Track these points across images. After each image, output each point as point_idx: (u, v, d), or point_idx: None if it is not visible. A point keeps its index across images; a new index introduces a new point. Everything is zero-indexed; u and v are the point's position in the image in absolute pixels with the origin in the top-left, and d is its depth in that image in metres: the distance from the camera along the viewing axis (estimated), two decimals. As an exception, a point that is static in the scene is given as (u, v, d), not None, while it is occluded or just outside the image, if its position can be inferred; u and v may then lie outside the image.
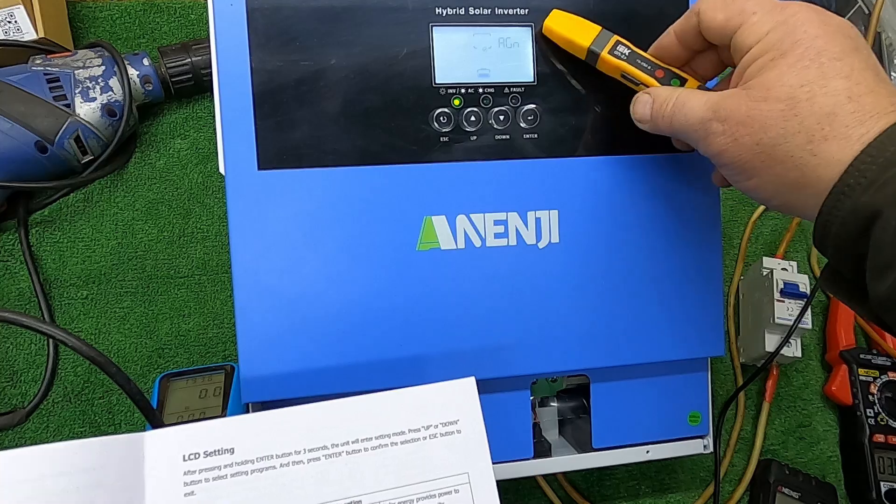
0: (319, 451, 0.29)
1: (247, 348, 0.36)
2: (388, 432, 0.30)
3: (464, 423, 0.30)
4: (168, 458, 0.28)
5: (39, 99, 0.46)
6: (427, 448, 0.30)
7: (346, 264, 0.37)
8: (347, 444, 0.29)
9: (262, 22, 0.36)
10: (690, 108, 0.33)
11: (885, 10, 0.51)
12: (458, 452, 0.30)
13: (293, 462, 0.28)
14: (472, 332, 0.38)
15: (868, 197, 0.27)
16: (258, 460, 0.28)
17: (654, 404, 0.43)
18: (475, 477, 0.29)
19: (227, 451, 0.28)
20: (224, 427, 0.29)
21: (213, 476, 0.28)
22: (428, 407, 0.30)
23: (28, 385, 0.48)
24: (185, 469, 0.28)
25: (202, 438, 0.28)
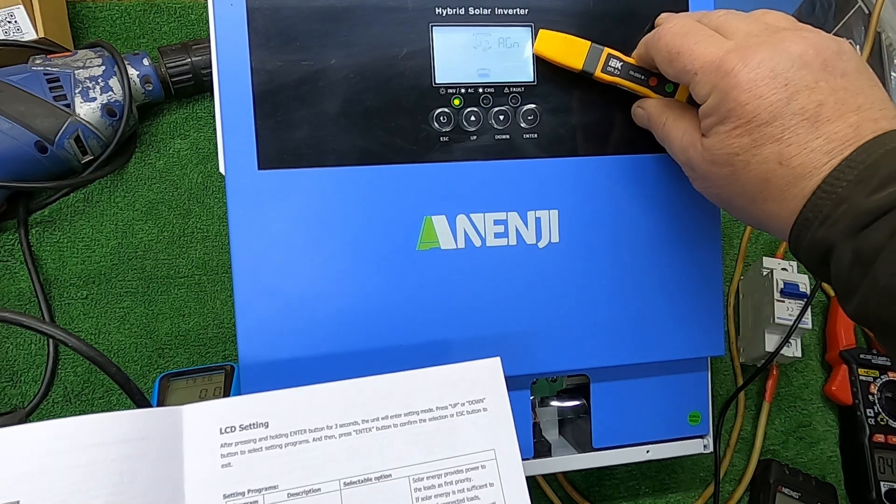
0: (350, 426, 0.30)
1: (247, 348, 0.36)
2: (416, 409, 0.31)
3: (490, 402, 0.31)
4: (205, 431, 0.29)
5: (39, 99, 0.46)
6: (454, 425, 0.31)
7: (346, 264, 0.37)
8: (377, 420, 0.30)
9: (262, 22, 0.36)
10: (672, 142, 0.36)
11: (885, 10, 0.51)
12: (484, 429, 0.31)
13: (325, 437, 0.29)
14: (472, 331, 0.38)
15: (822, 232, 0.29)
16: (292, 434, 0.29)
17: (654, 404, 0.43)
18: (501, 453, 0.30)
19: (262, 425, 0.29)
20: (259, 402, 0.30)
21: (248, 448, 0.29)
22: (455, 385, 0.31)
23: (28, 385, 0.48)
24: (221, 441, 0.29)
25: (238, 412, 0.29)
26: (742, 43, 0.31)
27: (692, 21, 0.34)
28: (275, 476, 0.28)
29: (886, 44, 0.52)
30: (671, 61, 0.33)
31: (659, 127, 0.37)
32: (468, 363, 0.32)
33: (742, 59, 0.30)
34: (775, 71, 0.29)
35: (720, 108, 0.31)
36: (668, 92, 0.38)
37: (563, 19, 0.39)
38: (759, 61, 0.30)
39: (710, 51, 0.31)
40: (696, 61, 0.32)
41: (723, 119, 0.31)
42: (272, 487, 0.28)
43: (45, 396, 0.47)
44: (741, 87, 0.30)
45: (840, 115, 0.29)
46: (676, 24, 0.34)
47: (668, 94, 0.38)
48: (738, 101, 0.30)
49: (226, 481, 0.28)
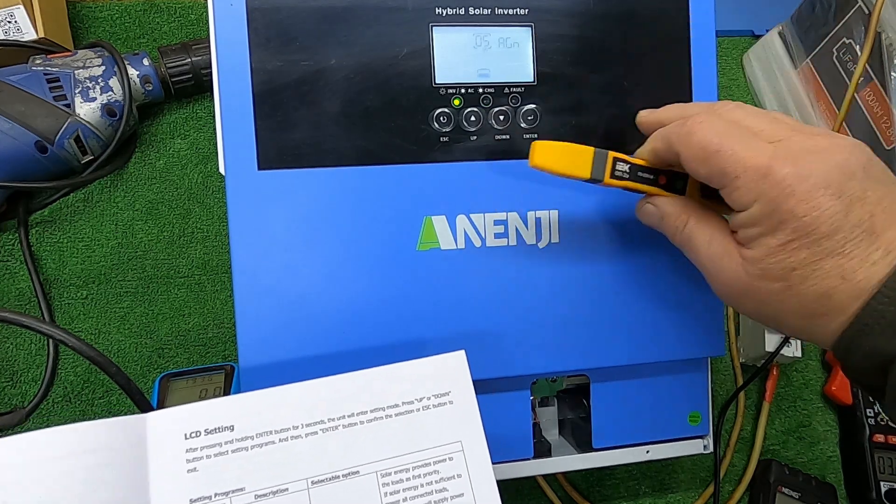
0: (317, 425, 0.30)
1: (247, 348, 0.36)
2: (382, 405, 0.31)
3: (455, 395, 0.31)
4: (170, 437, 0.29)
5: (39, 99, 0.46)
6: (421, 419, 0.31)
7: (346, 264, 0.37)
8: (343, 417, 0.30)
9: (262, 22, 0.36)
10: (696, 248, 0.33)
11: (885, 10, 0.51)
12: (450, 422, 0.31)
13: (291, 437, 0.30)
14: (472, 332, 0.38)
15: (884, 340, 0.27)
16: (258, 436, 0.29)
17: (654, 404, 0.43)
18: (468, 445, 0.31)
19: (228, 429, 0.29)
20: (223, 405, 0.30)
21: (214, 452, 0.29)
22: (420, 380, 0.32)
23: (28, 385, 0.48)
24: (187, 447, 0.29)
25: (203, 417, 0.29)
26: (784, 149, 0.29)
27: (723, 118, 0.31)
28: (242, 478, 0.29)
29: (886, 44, 0.52)
30: (706, 160, 0.30)
31: (677, 229, 0.34)
32: (433, 357, 0.32)
33: (794, 168, 0.28)
34: (828, 181, 0.28)
35: (770, 219, 0.28)
36: (677, 189, 0.35)
37: (563, 19, 0.39)
38: (811, 171, 0.28)
39: (753, 154, 0.29)
40: (738, 164, 0.29)
41: (773, 230, 0.28)
42: (239, 490, 0.28)
43: (45, 396, 0.47)
44: (797, 198, 0.28)
45: (891, 222, 0.28)
46: (708, 120, 0.31)
47: (678, 192, 0.35)
48: (795, 213, 0.28)
49: (192, 486, 0.28)
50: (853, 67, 0.55)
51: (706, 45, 0.41)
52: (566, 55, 0.39)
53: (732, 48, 0.66)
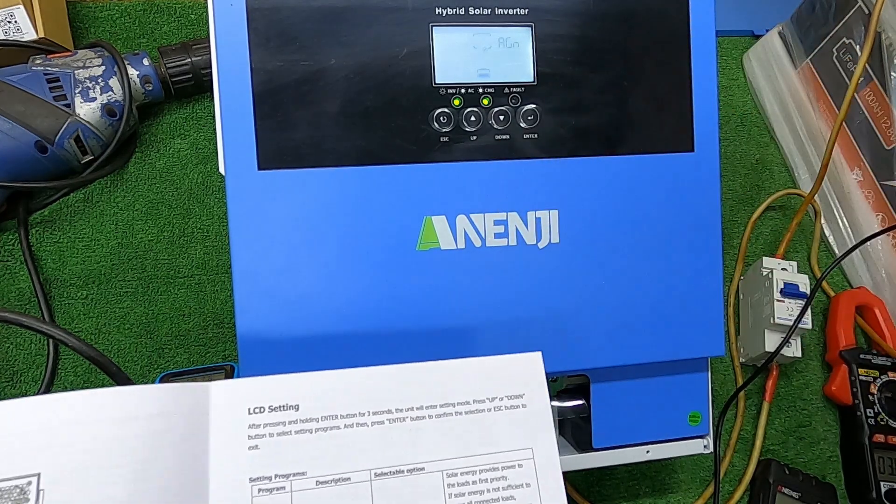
0: (384, 414, 0.29)
1: (247, 348, 0.36)
2: (452, 401, 0.29)
3: (529, 398, 0.30)
4: (233, 410, 0.28)
5: (39, 99, 0.46)
6: (491, 420, 0.29)
7: (346, 264, 0.37)
8: (412, 409, 0.29)
9: (262, 22, 0.36)
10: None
11: (885, 10, 0.51)
12: (522, 427, 0.29)
13: (357, 423, 0.28)
14: (472, 331, 0.38)
15: None
16: (323, 419, 0.28)
17: (654, 404, 0.43)
18: (539, 453, 0.29)
19: (293, 408, 0.28)
20: (291, 383, 0.29)
21: (277, 431, 0.28)
22: (493, 378, 0.30)
23: (28, 385, 0.48)
24: (250, 422, 0.28)
25: (268, 393, 0.28)
26: None
27: None
28: (303, 462, 0.27)
29: (886, 44, 0.52)
30: None
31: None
32: (508, 356, 0.30)
33: None
34: None
35: None
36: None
37: (563, 19, 0.39)
38: None
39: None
40: None
41: None
42: (300, 474, 0.27)
43: (45, 396, 0.47)
44: None
45: None
46: None
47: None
48: None
49: (252, 464, 0.27)
50: (853, 67, 0.55)
51: (706, 45, 0.41)
52: (566, 55, 0.39)
53: (732, 48, 0.66)
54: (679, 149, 0.41)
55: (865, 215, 0.57)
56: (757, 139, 0.64)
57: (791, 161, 0.62)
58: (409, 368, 0.30)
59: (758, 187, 0.62)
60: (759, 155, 0.63)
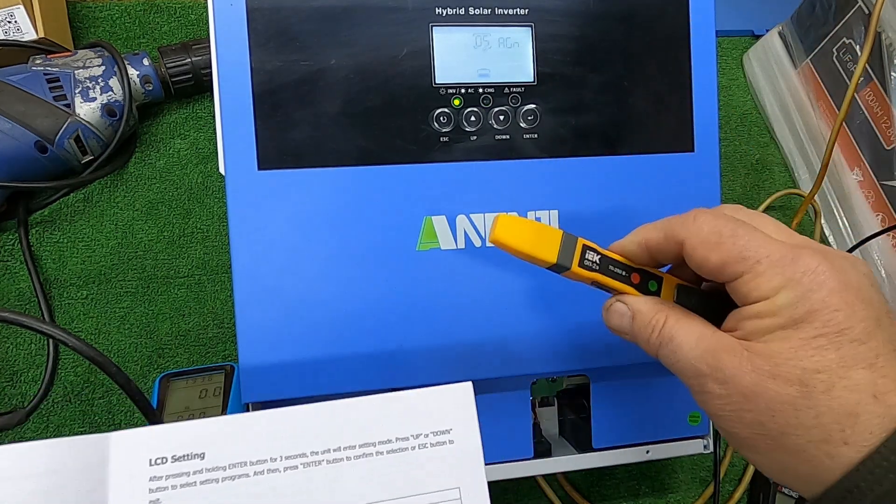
0: (297, 458, 0.27)
1: (247, 348, 0.36)
2: (373, 440, 0.27)
3: (457, 433, 0.28)
4: (133, 462, 0.26)
5: (39, 99, 0.46)
6: (416, 458, 0.27)
7: (346, 264, 0.37)
8: (329, 451, 0.27)
9: (262, 22, 0.36)
10: (680, 346, 0.27)
11: (885, 10, 0.51)
12: (449, 464, 0.27)
13: (269, 470, 0.27)
14: (472, 332, 0.38)
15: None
16: (230, 467, 0.26)
17: (654, 404, 0.43)
18: (467, 492, 0.27)
19: (198, 456, 0.26)
20: (195, 430, 0.27)
21: (180, 483, 0.26)
22: (418, 413, 0.28)
23: (28, 385, 0.48)
24: (151, 474, 0.26)
25: (171, 441, 0.26)
26: (807, 243, 0.26)
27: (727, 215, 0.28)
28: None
29: (886, 44, 0.52)
30: (718, 245, 0.26)
31: (653, 329, 0.29)
32: (434, 388, 0.28)
33: (825, 259, 0.25)
34: (859, 284, 0.25)
35: (796, 309, 0.24)
36: (650, 291, 0.31)
37: (563, 19, 0.39)
38: (842, 266, 0.25)
39: (775, 241, 0.26)
40: (760, 248, 0.25)
41: (797, 322, 0.24)
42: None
43: (45, 396, 0.47)
44: (831, 290, 0.24)
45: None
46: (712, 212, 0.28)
47: (651, 293, 0.31)
48: (828, 305, 0.24)
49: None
50: (853, 67, 0.55)
51: (706, 45, 0.41)
52: (566, 55, 0.39)
53: (732, 48, 0.66)
54: (679, 149, 0.41)
55: (865, 215, 0.57)
56: (757, 139, 0.64)
57: (791, 161, 0.62)
58: (325, 407, 0.28)
59: (758, 187, 0.62)
60: (759, 155, 0.63)
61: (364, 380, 0.37)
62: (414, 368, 0.38)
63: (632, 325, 0.30)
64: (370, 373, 0.37)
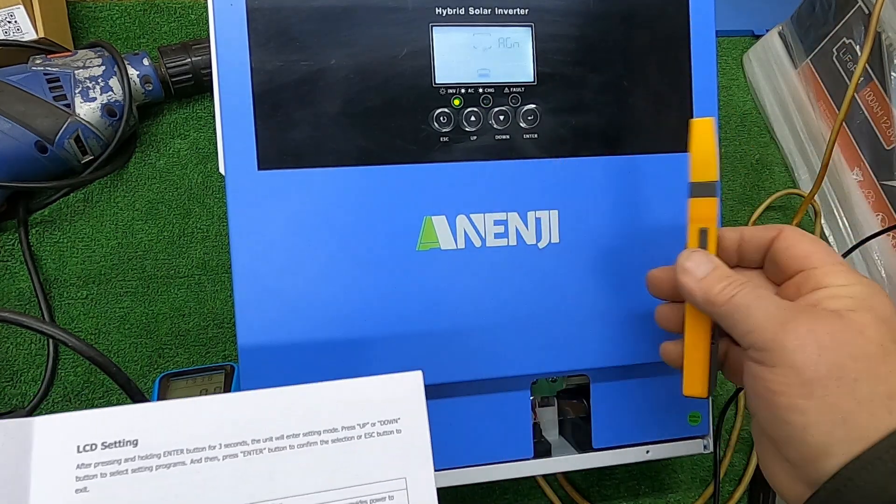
0: (237, 446, 0.26)
1: (247, 348, 0.36)
2: (318, 429, 0.27)
3: (405, 423, 0.27)
4: (59, 448, 0.25)
5: (39, 99, 0.46)
6: (361, 448, 0.27)
7: (346, 264, 0.37)
8: (271, 440, 0.26)
9: (262, 22, 0.36)
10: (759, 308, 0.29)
11: (885, 10, 0.51)
12: (396, 455, 0.27)
13: (206, 458, 0.26)
14: (472, 332, 0.38)
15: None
16: (165, 454, 0.25)
17: (654, 404, 0.43)
18: (413, 483, 0.27)
19: (130, 443, 0.25)
20: (127, 415, 0.26)
21: (110, 471, 0.25)
22: (366, 402, 0.27)
23: (28, 385, 0.48)
24: (78, 461, 0.25)
25: (101, 427, 0.25)
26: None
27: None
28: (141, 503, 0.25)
29: (886, 44, 0.52)
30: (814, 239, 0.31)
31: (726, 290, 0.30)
32: (383, 376, 0.28)
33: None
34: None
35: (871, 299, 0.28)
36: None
37: (563, 19, 0.39)
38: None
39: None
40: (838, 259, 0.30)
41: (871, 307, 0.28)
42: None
43: (45, 396, 0.47)
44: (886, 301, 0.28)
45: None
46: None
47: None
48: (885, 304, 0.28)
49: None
50: (853, 67, 0.55)
51: (706, 45, 0.41)
52: (566, 55, 0.39)
53: (732, 48, 0.66)
54: (679, 149, 0.41)
55: (865, 215, 0.57)
56: (757, 139, 0.64)
57: (791, 161, 0.62)
58: (269, 393, 0.27)
59: (758, 187, 0.62)
60: (759, 155, 0.63)
61: (364, 380, 0.37)
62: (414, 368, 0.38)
63: (709, 274, 0.31)
64: (370, 373, 0.37)
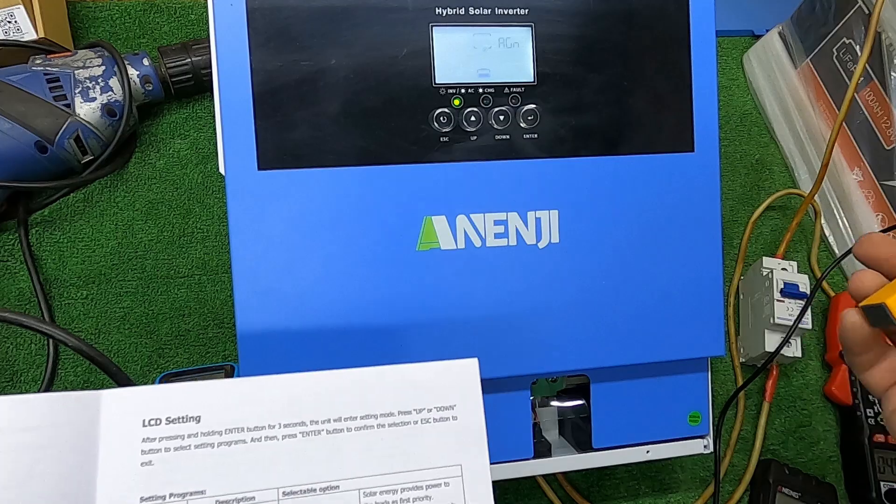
0: (297, 426, 0.26)
1: (247, 348, 0.36)
2: (375, 412, 0.27)
3: (461, 409, 0.27)
4: (126, 422, 0.25)
5: (39, 99, 0.46)
6: (418, 433, 0.27)
7: (346, 264, 0.37)
8: (329, 421, 0.26)
9: (262, 22, 0.36)
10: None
11: (885, 10, 0.51)
12: (452, 441, 0.27)
13: (266, 437, 0.26)
14: (472, 332, 0.38)
15: None
16: (227, 432, 0.26)
17: (654, 404, 0.43)
18: (469, 470, 0.27)
19: (193, 420, 0.25)
20: (192, 392, 0.26)
21: (174, 446, 0.25)
22: (422, 387, 0.27)
23: (28, 385, 0.48)
24: (143, 435, 0.25)
25: (167, 402, 0.25)
26: None
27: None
28: (203, 479, 0.25)
29: (886, 44, 0.52)
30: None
31: None
32: (440, 362, 0.28)
33: None
34: None
35: None
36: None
37: (563, 19, 0.39)
38: None
39: None
40: None
41: None
42: (198, 493, 0.25)
43: (45, 396, 0.47)
44: None
45: None
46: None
47: None
48: None
49: (145, 482, 0.24)
50: (853, 67, 0.55)
51: (706, 45, 0.41)
52: (566, 55, 0.39)
53: (732, 48, 0.66)
54: (679, 149, 0.41)
55: (865, 215, 0.57)
56: (757, 139, 0.64)
57: (791, 161, 0.62)
58: (327, 376, 0.27)
59: (758, 187, 0.62)
60: (759, 155, 0.63)
61: (364, 380, 0.37)
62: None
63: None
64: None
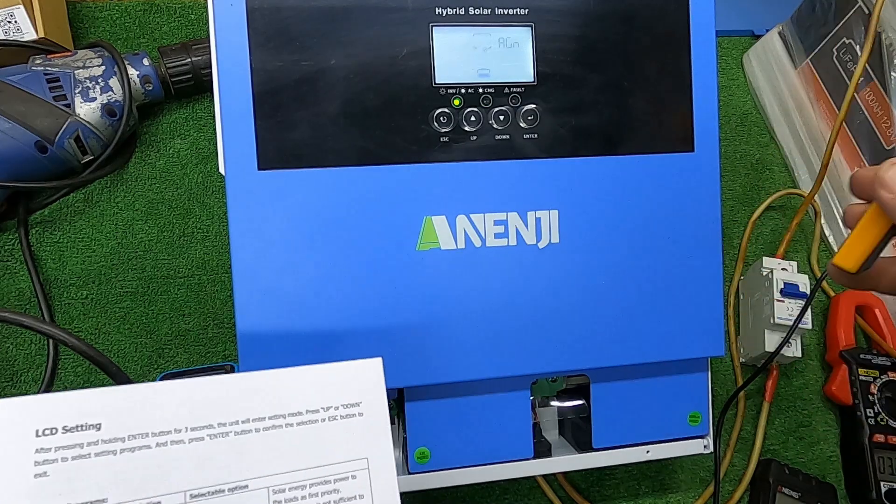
0: (204, 430, 0.26)
1: (247, 348, 0.36)
2: (283, 412, 0.27)
3: (366, 406, 0.28)
4: (18, 432, 0.24)
5: (39, 99, 0.46)
6: (324, 431, 0.28)
7: (346, 264, 0.37)
8: (237, 423, 0.26)
9: (262, 22, 0.36)
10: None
11: (885, 10, 0.51)
12: (357, 436, 0.28)
13: (172, 441, 0.25)
14: (472, 332, 0.38)
15: None
16: (130, 438, 0.25)
17: (654, 404, 0.43)
18: (374, 463, 0.28)
19: (93, 427, 0.25)
20: (91, 398, 0.25)
21: (72, 455, 0.24)
22: (329, 387, 0.28)
23: (28, 385, 0.48)
24: (37, 446, 0.24)
25: (63, 410, 0.25)
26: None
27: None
28: (104, 488, 0.24)
29: (886, 44, 0.52)
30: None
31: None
32: (346, 363, 0.29)
33: None
34: None
35: None
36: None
37: (563, 19, 0.39)
38: None
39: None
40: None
41: None
42: (99, 501, 0.24)
43: (45, 396, 0.47)
44: None
45: None
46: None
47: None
48: None
49: (39, 494, 0.24)
50: (853, 67, 0.55)
51: (706, 45, 0.41)
52: (566, 55, 0.39)
53: (732, 48, 0.66)
54: (679, 149, 0.41)
55: (865, 215, 0.57)
56: (757, 139, 0.64)
57: (791, 161, 0.62)
58: (235, 378, 0.27)
59: (758, 187, 0.62)
60: (759, 155, 0.63)
61: (364, 380, 0.37)
62: (414, 368, 0.38)
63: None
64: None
